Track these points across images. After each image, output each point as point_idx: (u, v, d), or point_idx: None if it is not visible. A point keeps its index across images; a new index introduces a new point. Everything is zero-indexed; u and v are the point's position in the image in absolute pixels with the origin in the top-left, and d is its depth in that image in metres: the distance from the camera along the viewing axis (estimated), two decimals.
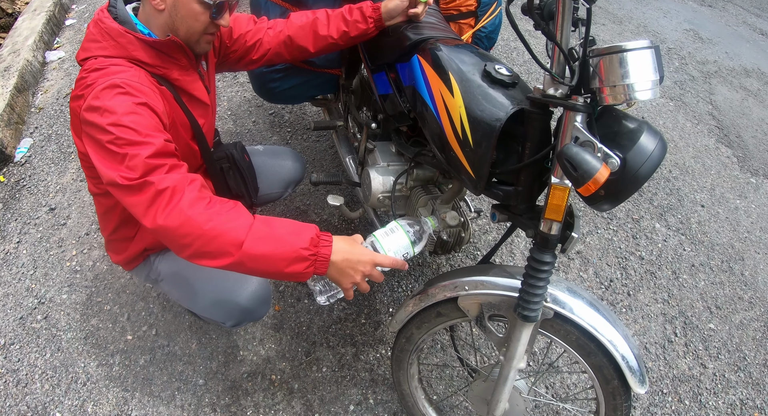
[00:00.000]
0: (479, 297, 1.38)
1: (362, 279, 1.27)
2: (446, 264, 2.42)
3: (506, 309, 1.37)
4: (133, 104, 1.19)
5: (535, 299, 1.25)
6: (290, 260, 1.15)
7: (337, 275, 1.24)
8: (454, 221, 1.61)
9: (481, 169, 1.25)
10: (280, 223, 1.20)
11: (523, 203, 1.28)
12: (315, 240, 1.18)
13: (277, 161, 2.11)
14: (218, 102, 3.24)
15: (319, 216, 2.55)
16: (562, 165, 0.98)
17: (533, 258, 1.21)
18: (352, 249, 1.23)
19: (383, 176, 1.76)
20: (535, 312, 1.26)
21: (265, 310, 1.80)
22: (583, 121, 1.06)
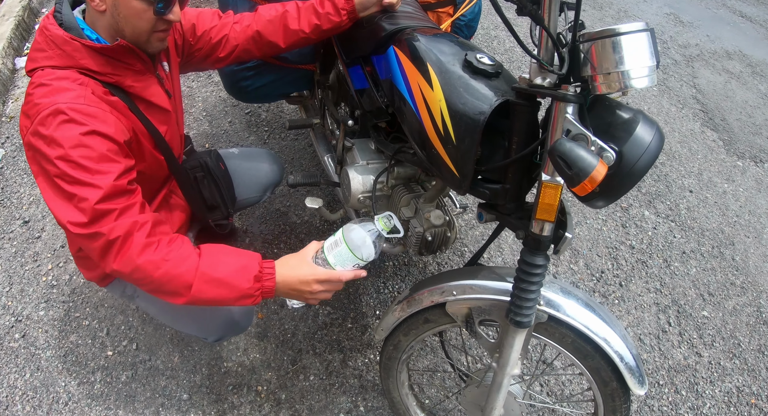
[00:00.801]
0: (468, 303, 1.29)
1: (314, 295, 1.24)
2: (433, 262, 2.32)
3: (497, 314, 1.27)
4: (80, 135, 1.11)
5: (528, 304, 1.15)
6: (237, 298, 1.18)
7: (286, 296, 1.26)
8: (439, 220, 1.51)
9: (465, 166, 1.15)
10: (224, 262, 1.19)
11: (512, 202, 1.18)
12: (258, 276, 1.18)
13: (253, 164, 1.99)
14: (192, 103, 3.10)
15: (300, 217, 2.44)
16: (554, 162, 0.88)
17: (524, 261, 1.11)
18: (295, 272, 1.21)
19: (363, 175, 1.65)
20: (528, 317, 1.17)
21: (248, 323, 1.71)
22: (575, 113, 0.96)
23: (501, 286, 1.25)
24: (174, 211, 1.66)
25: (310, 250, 1.25)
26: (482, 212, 1.25)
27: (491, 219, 1.24)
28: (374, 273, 2.27)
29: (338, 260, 1.20)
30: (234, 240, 2.36)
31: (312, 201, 1.72)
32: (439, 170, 1.23)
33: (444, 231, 1.55)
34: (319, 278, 1.20)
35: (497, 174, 1.16)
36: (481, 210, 1.25)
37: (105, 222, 1.10)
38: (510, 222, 1.19)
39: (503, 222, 1.23)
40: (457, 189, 1.20)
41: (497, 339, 1.32)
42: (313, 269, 1.21)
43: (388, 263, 2.31)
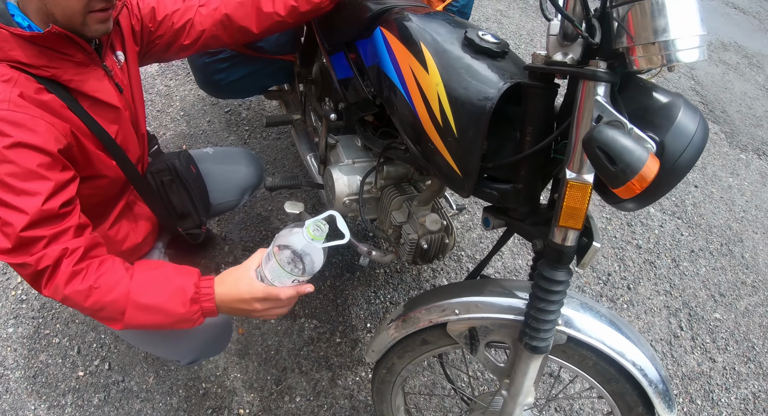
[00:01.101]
0: (473, 322, 1.09)
1: (261, 314, 1.08)
2: (427, 268, 2.12)
3: (508, 335, 1.08)
4: (3, 149, 0.94)
5: (546, 327, 0.96)
6: (175, 323, 1.05)
7: (232, 314, 1.11)
8: (436, 225, 1.32)
9: (468, 163, 0.95)
10: (156, 285, 1.05)
11: (525, 205, 0.99)
12: (195, 298, 1.04)
13: (229, 166, 1.78)
14: (170, 102, 2.89)
15: (282, 222, 2.23)
16: (591, 155, 0.68)
17: (543, 276, 0.92)
18: (233, 291, 1.06)
19: (348, 176, 1.45)
20: (546, 342, 0.98)
21: (225, 343, 1.52)
22: (607, 95, 0.77)
23: (512, 304, 1.06)
24: (139, 221, 1.46)
25: (254, 262, 1.06)
26: (489, 217, 1.05)
27: (499, 225, 1.05)
28: (364, 281, 2.07)
29: (274, 276, 1.00)
30: (212, 249, 2.15)
31: (292, 206, 1.52)
32: (437, 168, 1.04)
33: (441, 237, 1.35)
34: (257, 296, 1.03)
35: (507, 172, 0.97)
36: (488, 215, 1.05)
37: (33, 250, 0.98)
38: (523, 229, 0.99)
39: (514, 230, 1.04)
40: (459, 190, 1.01)
41: (507, 363, 1.13)
42: (251, 286, 1.03)
43: (378, 271, 2.11)
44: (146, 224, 1.47)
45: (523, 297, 1.06)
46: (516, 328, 1.06)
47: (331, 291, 2.02)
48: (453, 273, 2.09)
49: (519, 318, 1.04)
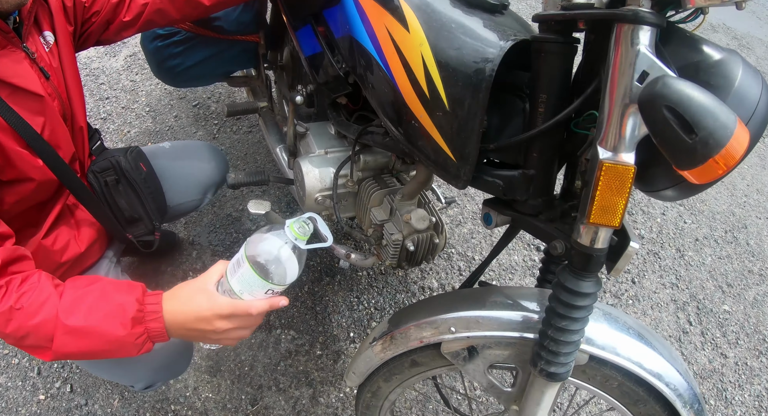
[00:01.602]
0: (473, 341, 0.88)
1: (222, 336, 0.88)
2: (415, 269, 1.90)
3: (516, 356, 0.87)
4: None
5: (567, 350, 0.75)
6: (116, 350, 0.86)
7: (185, 338, 0.91)
8: (423, 223, 1.10)
9: (464, 144, 0.74)
10: (91, 303, 0.86)
11: (538, 196, 0.77)
12: (138, 317, 0.84)
13: (188, 161, 1.55)
14: (135, 98, 2.64)
15: (255, 223, 2.00)
16: (657, 120, 0.47)
17: (565, 288, 0.70)
18: (188, 307, 0.86)
19: (320, 168, 1.23)
20: (566, 367, 0.77)
21: (185, 364, 1.30)
22: (652, 44, 0.55)
23: (521, 319, 0.84)
24: (81, 228, 1.23)
25: (214, 274, 0.88)
26: (490, 213, 0.83)
27: (504, 222, 0.83)
28: (345, 286, 1.85)
29: (244, 286, 0.82)
30: (178, 255, 1.92)
31: (257, 205, 1.29)
32: (423, 153, 0.82)
33: (429, 237, 1.14)
34: (221, 313, 0.84)
35: (514, 154, 0.76)
36: (489, 210, 0.83)
37: None
38: (536, 227, 0.77)
39: (523, 228, 0.82)
40: (453, 180, 0.79)
41: (515, 387, 0.92)
42: (212, 301, 0.85)
43: (361, 273, 1.88)
44: (90, 231, 1.24)
45: (534, 309, 0.85)
46: (526, 347, 0.85)
47: (309, 298, 1.79)
48: (443, 272, 1.88)
49: (530, 337, 0.83)
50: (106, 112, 2.57)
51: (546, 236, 0.75)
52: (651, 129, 0.48)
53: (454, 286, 1.83)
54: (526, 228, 0.80)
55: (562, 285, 0.71)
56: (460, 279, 1.85)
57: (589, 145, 0.65)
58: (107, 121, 2.52)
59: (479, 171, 0.78)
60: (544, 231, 0.75)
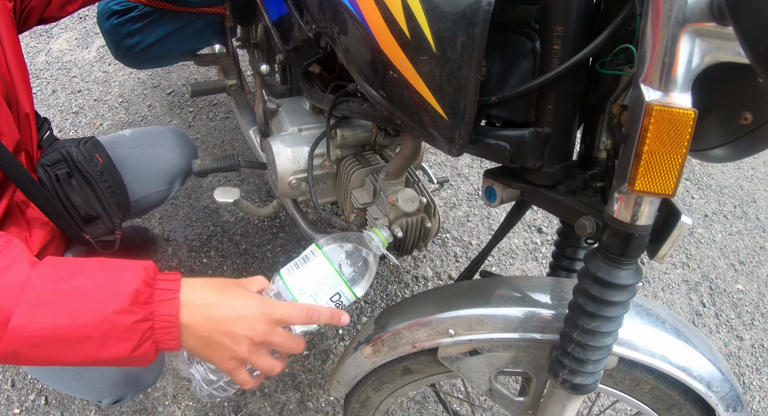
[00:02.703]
0: (476, 345, 0.70)
1: (254, 353, 0.62)
2: (407, 257, 1.73)
3: (529, 362, 0.70)
4: None
5: (597, 356, 0.58)
6: (101, 337, 0.56)
7: (202, 348, 0.61)
8: (412, 205, 0.92)
9: (458, 96, 0.55)
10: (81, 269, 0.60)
11: (555, 161, 0.60)
12: (143, 293, 0.57)
13: (150, 149, 1.36)
14: (108, 89, 2.46)
15: (234, 214, 1.81)
16: None
17: (596, 279, 0.53)
18: (222, 299, 0.62)
19: (293, 147, 1.05)
20: (595, 377, 0.60)
21: (154, 374, 1.12)
22: None
23: (536, 317, 0.67)
24: (33, 228, 1.06)
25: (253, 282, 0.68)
26: (493, 186, 0.65)
27: (511, 197, 0.65)
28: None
29: (308, 283, 0.65)
30: (153, 252, 1.73)
31: (224, 193, 1.11)
32: (408, 114, 0.63)
33: (420, 220, 0.96)
34: (273, 315, 0.61)
35: (522, 108, 0.57)
36: (492, 183, 0.65)
37: None
38: (554, 202, 0.59)
39: (536, 203, 0.64)
40: (446, 144, 0.60)
41: (528, 396, 0.75)
42: (263, 299, 0.64)
43: None
44: (42, 232, 1.06)
45: (550, 303, 0.68)
46: (542, 350, 0.68)
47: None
48: (438, 260, 1.70)
49: (548, 338, 0.66)
50: (78, 106, 2.39)
51: (568, 213, 0.57)
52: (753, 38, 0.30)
53: (450, 275, 1.65)
54: (541, 203, 0.62)
55: (593, 276, 0.53)
56: (456, 267, 1.68)
57: (626, 88, 0.48)
58: (79, 114, 2.35)
59: (479, 133, 0.60)
60: (566, 206, 0.57)
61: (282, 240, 1.72)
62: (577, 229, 0.54)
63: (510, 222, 0.77)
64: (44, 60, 2.66)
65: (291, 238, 1.72)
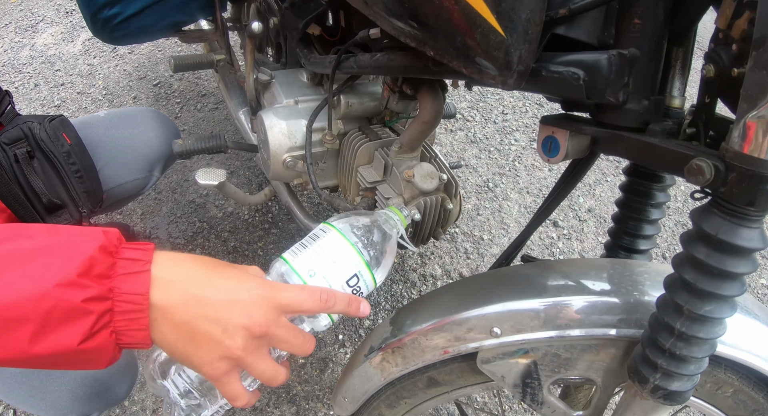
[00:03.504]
0: (529, 346, 0.54)
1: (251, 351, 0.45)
2: (413, 253, 1.55)
3: (594, 367, 0.53)
4: None
5: (701, 353, 0.43)
6: (39, 319, 0.38)
7: (182, 342, 0.44)
8: (431, 182, 0.75)
9: (520, 3, 0.39)
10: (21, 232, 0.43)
11: (643, 94, 0.44)
12: (101, 262, 0.41)
13: (127, 130, 1.19)
14: (92, 82, 2.30)
15: (221, 209, 1.64)
16: None
17: (714, 242, 0.37)
18: (211, 276, 0.46)
19: (288, 120, 0.88)
20: (693, 382, 0.45)
21: (125, 387, 0.93)
22: None
23: (607, 308, 0.51)
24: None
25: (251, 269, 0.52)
26: (556, 134, 0.49)
27: (578, 149, 0.49)
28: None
29: (320, 265, 0.51)
30: None
31: (207, 175, 0.94)
32: (449, 40, 0.45)
33: (441, 200, 0.79)
34: (279, 299, 0.46)
35: (598, 25, 0.42)
36: (555, 131, 0.49)
37: None
38: (648, 148, 0.43)
39: (617, 152, 0.47)
40: (500, 73, 0.43)
41: (589, 410, 0.58)
42: (265, 280, 0.48)
43: None
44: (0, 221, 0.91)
45: (623, 290, 0.52)
46: (613, 351, 0.51)
47: None
48: (447, 256, 1.53)
49: (624, 334, 0.50)
50: (60, 99, 2.23)
51: (671, 159, 0.40)
52: None
53: (461, 273, 1.48)
54: (626, 151, 0.45)
55: (710, 239, 0.37)
56: (468, 264, 1.50)
57: None
58: (61, 108, 2.19)
59: (540, 60, 0.44)
60: (667, 151, 0.41)
61: (274, 236, 1.54)
62: (689, 175, 0.38)
63: (564, 188, 0.60)
64: (28, 54, 2.50)
65: (284, 235, 1.54)
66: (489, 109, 2.08)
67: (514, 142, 1.94)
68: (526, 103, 2.15)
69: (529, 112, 2.10)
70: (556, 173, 1.85)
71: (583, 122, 0.47)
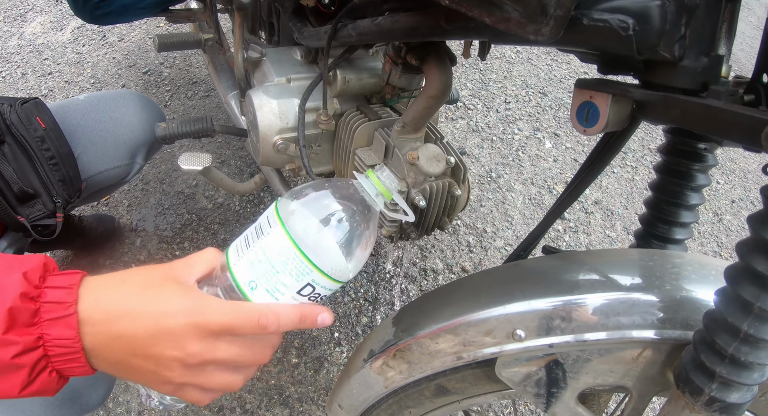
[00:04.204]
0: (560, 351, 0.46)
1: (192, 376, 0.41)
2: (412, 246, 1.47)
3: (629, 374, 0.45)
4: None
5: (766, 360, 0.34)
6: None
7: (122, 374, 0.42)
8: (437, 165, 0.67)
9: None
10: None
11: (700, 51, 0.36)
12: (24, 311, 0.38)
13: (108, 114, 1.11)
14: (80, 70, 2.22)
15: (211, 200, 1.55)
16: None
17: None
18: (137, 305, 0.41)
19: (279, 99, 0.79)
20: (752, 392, 0.37)
21: (101, 393, 0.86)
22: None
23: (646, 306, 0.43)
24: None
25: (197, 264, 0.45)
26: (595, 100, 0.40)
27: (621, 117, 0.41)
28: None
29: (262, 272, 0.41)
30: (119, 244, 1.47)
31: (191, 159, 0.85)
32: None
33: (448, 186, 0.71)
34: (209, 326, 0.40)
35: None
36: (594, 96, 0.41)
37: None
38: (715, 112, 0.35)
39: (668, 119, 0.39)
40: (533, 22, 0.35)
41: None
42: (191, 298, 0.41)
43: None
44: None
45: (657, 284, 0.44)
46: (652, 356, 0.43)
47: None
48: (449, 250, 1.45)
49: (669, 336, 0.42)
50: (47, 88, 2.14)
51: (739, 125, 0.33)
52: None
53: (464, 267, 1.40)
54: (682, 118, 0.36)
55: None
56: (470, 258, 1.42)
57: None
58: (48, 97, 2.10)
59: (579, 6, 0.36)
60: (734, 115, 0.33)
61: None
62: (767, 142, 0.30)
63: (596, 166, 0.52)
64: (16, 43, 2.42)
65: None
66: (491, 98, 1.99)
67: (517, 132, 1.86)
68: (529, 91, 2.07)
69: (532, 100, 2.01)
70: (561, 164, 1.77)
71: (627, 85, 0.39)
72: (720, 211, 1.80)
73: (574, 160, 1.79)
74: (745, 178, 1.98)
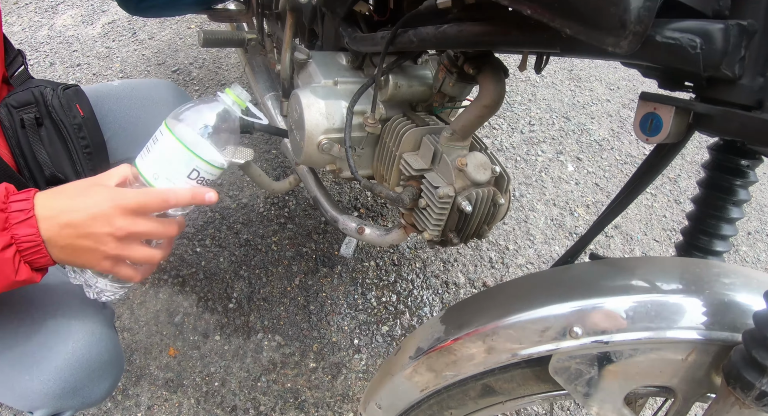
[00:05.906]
0: (614, 349, 0.48)
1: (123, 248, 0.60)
2: (435, 258, 1.49)
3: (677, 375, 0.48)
4: None
5: None
6: None
7: (71, 257, 0.60)
8: (484, 173, 0.71)
9: None
10: None
11: (758, 70, 0.40)
12: None
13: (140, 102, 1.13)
14: (109, 64, 2.28)
15: (235, 199, 1.58)
16: None
17: None
18: (77, 201, 0.60)
19: (326, 100, 0.83)
20: None
21: (105, 387, 0.85)
22: None
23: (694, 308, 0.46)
24: None
25: (114, 174, 0.64)
26: (658, 111, 0.44)
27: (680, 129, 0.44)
28: (347, 278, 1.43)
29: (161, 167, 0.62)
30: None
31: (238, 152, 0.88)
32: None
33: (492, 194, 0.74)
34: (127, 204, 0.59)
35: None
36: (657, 108, 0.44)
37: None
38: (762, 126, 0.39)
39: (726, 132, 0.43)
40: (612, 34, 0.38)
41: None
42: (113, 192, 0.61)
43: (367, 263, 1.47)
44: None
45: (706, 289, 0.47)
46: (701, 356, 0.46)
47: (301, 294, 1.38)
48: (471, 265, 1.47)
49: (717, 337, 0.45)
50: (75, 79, 2.21)
51: None
52: None
53: (486, 282, 1.42)
54: (740, 131, 0.40)
55: None
56: (492, 274, 1.45)
57: None
58: None
59: (653, 25, 0.40)
60: None
61: (290, 232, 1.49)
62: None
63: (648, 175, 0.55)
64: (46, 34, 2.49)
65: (301, 231, 1.49)
66: (516, 119, 2.04)
67: (540, 153, 1.90)
68: (552, 115, 2.11)
69: (555, 124, 2.06)
70: (582, 187, 1.80)
71: (687, 100, 0.43)
72: (736, 243, 1.83)
73: (596, 184, 1.83)
74: (761, 212, 2.01)
